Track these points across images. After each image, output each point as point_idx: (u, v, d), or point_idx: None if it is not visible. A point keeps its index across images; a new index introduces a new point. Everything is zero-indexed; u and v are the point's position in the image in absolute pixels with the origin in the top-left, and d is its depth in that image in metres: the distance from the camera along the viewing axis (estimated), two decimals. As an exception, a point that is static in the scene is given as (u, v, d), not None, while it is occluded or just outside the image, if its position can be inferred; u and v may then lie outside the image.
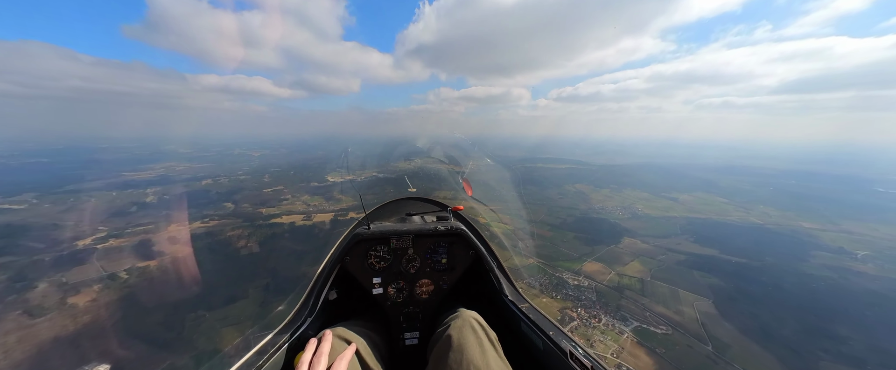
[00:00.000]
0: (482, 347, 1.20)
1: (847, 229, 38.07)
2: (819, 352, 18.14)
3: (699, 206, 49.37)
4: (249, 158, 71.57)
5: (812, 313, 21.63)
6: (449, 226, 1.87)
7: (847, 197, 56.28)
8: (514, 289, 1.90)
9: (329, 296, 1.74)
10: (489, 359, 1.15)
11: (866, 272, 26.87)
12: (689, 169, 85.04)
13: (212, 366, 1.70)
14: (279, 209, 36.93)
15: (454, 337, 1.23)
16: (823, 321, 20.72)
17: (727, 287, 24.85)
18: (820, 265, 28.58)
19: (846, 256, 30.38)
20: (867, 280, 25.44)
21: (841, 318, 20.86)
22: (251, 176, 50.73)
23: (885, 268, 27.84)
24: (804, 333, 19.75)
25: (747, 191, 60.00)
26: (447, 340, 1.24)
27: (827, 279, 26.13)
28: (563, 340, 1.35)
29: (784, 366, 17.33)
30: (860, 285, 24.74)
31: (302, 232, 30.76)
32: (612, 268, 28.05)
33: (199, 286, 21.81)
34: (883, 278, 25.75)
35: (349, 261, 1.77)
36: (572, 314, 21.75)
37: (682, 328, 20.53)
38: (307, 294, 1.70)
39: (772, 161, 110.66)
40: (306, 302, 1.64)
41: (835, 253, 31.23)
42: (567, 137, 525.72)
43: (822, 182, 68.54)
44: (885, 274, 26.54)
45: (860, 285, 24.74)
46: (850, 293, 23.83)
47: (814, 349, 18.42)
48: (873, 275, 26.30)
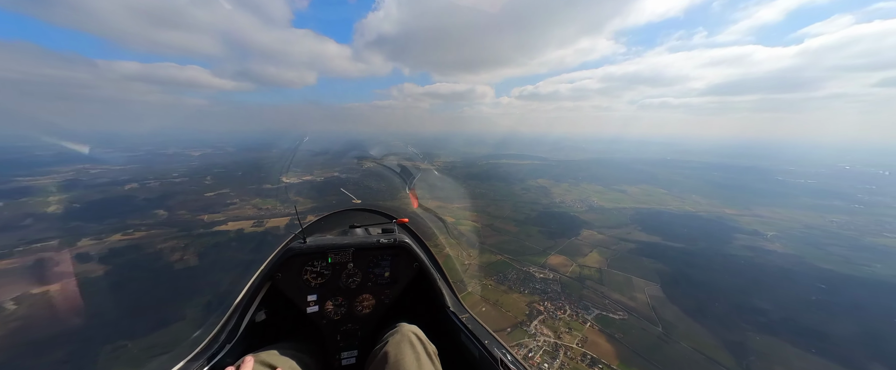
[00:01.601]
0: (419, 362, 1.19)
1: (758, 213, 44.62)
2: (745, 325, 20.73)
3: (644, 197, 54.48)
4: (187, 158, 62.64)
5: (737, 290, 24.75)
6: (393, 238, 1.82)
7: (756, 185, 66.23)
8: (456, 299, 1.88)
9: (256, 317, 1.64)
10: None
11: (776, 250, 31.61)
12: (635, 163, 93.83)
13: None
14: (224, 215, 32.79)
15: (391, 353, 1.21)
16: (747, 296, 23.80)
17: (671, 271, 27.46)
18: (740, 246, 33.01)
19: (759, 237, 35.49)
20: (777, 257, 29.91)
21: (760, 293, 24.14)
22: (189, 178, 44.44)
23: (788, 245, 33.01)
24: (733, 309, 22.47)
25: (681, 182, 67.71)
26: (384, 357, 1.21)
27: (746, 258, 30.20)
28: (495, 348, 1.39)
29: (719, 339, 19.48)
30: (772, 262, 28.97)
31: (251, 239, 27.56)
32: (574, 260, 29.49)
33: (119, 311, 18.32)
34: (788, 255, 30.49)
35: (280, 277, 1.65)
36: (540, 308, 22.31)
37: (636, 312, 22.16)
38: (228, 316, 1.55)
39: (699, 155, 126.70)
40: (225, 325, 1.51)
41: (751, 235, 36.32)
42: (528, 134, 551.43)
43: (736, 173, 79.99)
44: (789, 251, 31.45)
45: (772, 262, 28.97)
46: (765, 270, 27.77)
47: (740, 322, 21.01)
48: (781, 252, 31.03)
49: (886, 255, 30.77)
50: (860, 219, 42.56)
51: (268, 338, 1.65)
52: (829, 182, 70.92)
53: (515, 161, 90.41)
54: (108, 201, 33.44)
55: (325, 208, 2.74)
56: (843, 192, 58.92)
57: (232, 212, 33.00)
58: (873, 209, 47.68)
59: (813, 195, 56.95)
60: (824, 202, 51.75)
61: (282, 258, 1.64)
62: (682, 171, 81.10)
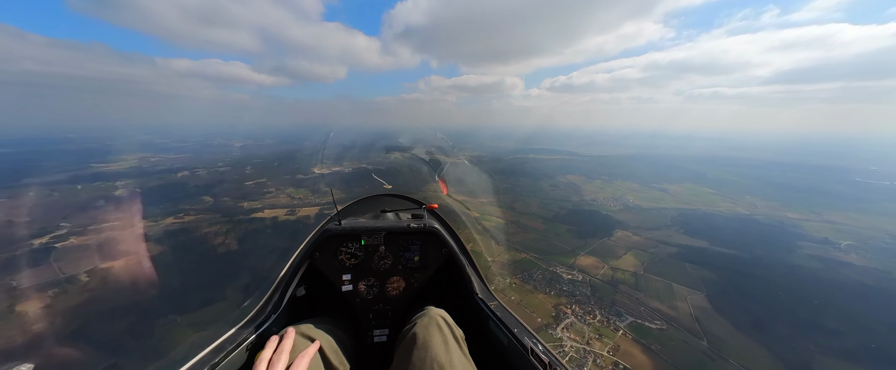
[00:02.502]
0: (447, 345, 1.20)
1: (830, 219, 38.88)
2: (811, 347, 18.12)
3: (688, 197, 49.75)
4: (231, 149, 68.00)
5: (803, 306, 21.70)
6: (423, 224, 1.86)
7: (827, 187, 57.83)
8: (484, 287, 1.88)
9: (297, 292, 1.72)
10: (453, 357, 1.16)
11: (852, 263, 27.30)
12: (679, 160, 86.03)
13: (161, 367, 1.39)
14: (261, 203, 34.99)
15: (419, 334, 1.23)
16: (814, 314, 20.79)
17: (719, 280, 24.77)
18: (807, 256, 28.93)
19: (831, 247, 30.88)
20: (854, 271, 25.81)
21: (831, 311, 20.96)
22: (232, 167, 48.08)
23: (868, 258, 28.38)
24: (796, 327, 19.73)
25: (734, 181, 60.97)
26: (412, 338, 1.24)
27: (815, 270, 26.41)
28: (525, 337, 1.38)
29: (778, 360, 17.21)
30: (847, 277, 25.06)
31: (285, 227, 29.10)
32: (606, 261, 27.65)
33: (171, 288, 20.19)
34: (869, 269, 26.19)
35: (318, 257, 1.74)
36: (567, 310, 21.20)
37: (676, 323, 20.26)
38: (273, 290, 1.64)
39: (756, 152, 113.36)
40: (271, 298, 1.60)
41: (820, 243, 31.72)
42: (559, 128, 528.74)
43: (804, 172, 70.41)
44: (869, 264, 27.02)
45: (847, 277, 25.06)
46: (839, 285, 24.09)
47: (806, 343, 18.40)
48: (859, 266, 26.73)
49: None
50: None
51: (306, 313, 1.76)
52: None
53: (544, 156, 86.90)
54: (164, 187, 37.11)
55: (354, 198, 2.73)
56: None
57: (268, 200, 35.13)
58: None
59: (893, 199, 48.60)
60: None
61: (320, 238, 1.73)
62: (735, 169, 73.02)
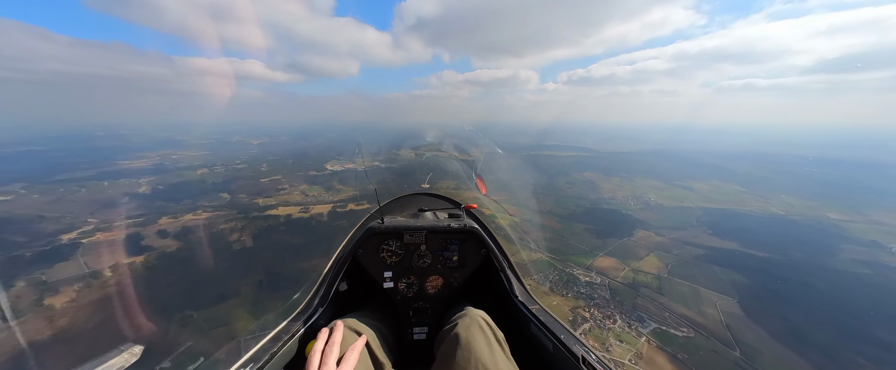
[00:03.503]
0: (490, 346, 1.20)
1: (877, 220, 35.65)
2: (859, 359, 16.49)
3: (716, 196, 46.94)
4: (248, 146, 69.73)
5: (848, 314, 19.83)
6: (462, 224, 1.88)
7: (875, 184, 53.22)
8: (524, 289, 1.88)
9: (340, 287, 1.76)
10: (497, 359, 1.15)
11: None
12: (704, 156, 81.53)
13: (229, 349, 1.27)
14: (276, 199, 35.53)
15: (462, 334, 1.22)
16: (862, 324, 18.95)
17: (752, 284, 23.05)
18: (852, 260, 26.52)
19: (880, 250, 28.23)
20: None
21: (881, 321, 19.05)
22: (249, 164, 49.14)
23: (924, 263, 25.73)
24: (841, 337, 18.02)
25: (767, 179, 57.15)
26: (455, 338, 1.23)
27: (862, 276, 24.17)
28: (574, 344, 1.34)
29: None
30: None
31: (298, 224, 29.37)
32: (627, 263, 26.32)
33: (188, 283, 20.66)
34: (925, 275, 23.72)
35: (361, 253, 1.77)
36: (585, 314, 20.24)
37: (705, 330, 18.93)
38: (319, 284, 1.70)
39: (791, 147, 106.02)
40: (317, 292, 1.65)
41: (867, 246, 29.07)
42: (575, 123, 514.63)
43: (846, 169, 65.12)
44: (926, 270, 24.48)
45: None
46: (890, 292, 21.91)
47: (853, 355, 16.77)
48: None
49: None
50: None
51: (348, 307, 1.75)
52: None
53: (559, 152, 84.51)
54: (184, 184, 38.33)
55: (366, 196, 2.95)
56: None
57: (282, 197, 35.60)
58: None
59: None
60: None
61: (364, 236, 1.73)
62: (769, 165, 68.52)
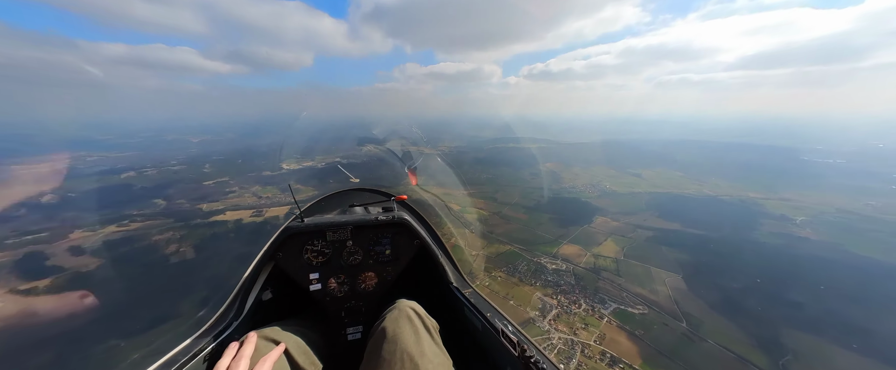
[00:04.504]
0: (417, 335, 1.20)
1: (785, 197, 41.84)
2: (779, 321, 19.06)
3: (660, 181, 51.76)
4: (186, 145, 61.59)
5: (769, 280, 22.91)
6: (392, 216, 1.85)
7: (782, 166, 62.54)
8: (459, 275, 1.93)
9: (262, 297, 1.68)
10: (424, 347, 1.16)
11: (808, 237, 29.35)
12: (649, 145, 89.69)
13: None
14: (223, 204, 31.89)
15: (389, 328, 1.22)
16: (779, 288, 21.99)
17: (693, 261, 25.65)
18: (768, 233, 30.78)
19: (788, 223, 33.11)
20: (810, 245, 27.73)
21: (794, 284, 22.29)
22: (188, 166, 43.53)
23: (821, 232, 30.66)
24: (765, 302, 20.74)
25: (700, 164, 64.39)
26: (382, 332, 1.23)
27: (776, 246, 28.11)
28: (497, 320, 1.44)
29: (751, 336, 17.93)
30: (805, 251, 26.86)
31: (251, 230, 26.61)
32: (588, 249, 27.83)
33: (113, 308, 17.62)
34: (823, 243, 28.25)
35: (281, 257, 1.68)
36: (552, 301, 20.98)
37: (657, 306, 20.64)
38: (233, 296, 1.59)
39: (717, 135, 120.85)
40: (231, 304, 1.54)
41: (779, 220, 33.93)
42: (537, 116, 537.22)
43: (760, 153, 75.79)
44: (822, 238, 29.17)
45: (805, 251, 26.86)
46: (798, 259, 25.74)
47: (774, 318, 19.34)
48: (815, 240, 28.77)
49: (931, 242, 28.32)
50: (892, 201, 39.52)
51: (275, 317, 1.66)
52: (862, 162, 66.63)
53: (524, 145, 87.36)
54: (105, 190, 32.78)
55: (326, 192, 2.56)
56: (878, 173, 55.15)
57: (231, 200, 32.04)
58: (913, 191, 44.34)
59: (844, 176, 53.36)
60: (858, 183, 48.44)
61: (281, 238, 1.65)
62: (701, 152, 77.25)
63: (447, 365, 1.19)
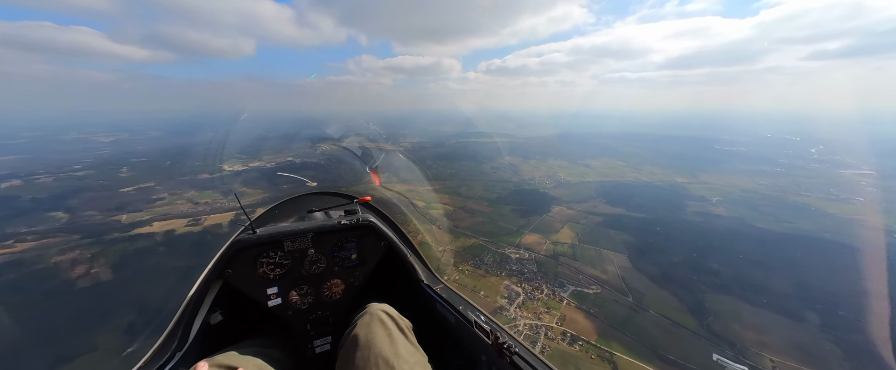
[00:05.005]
0: (391, 338, 1.19)
1: (704, 181, 48.74)
2: (702, 287, 22.20)
3: (606, 170, 56.93)
4: (94, 146, 51.31)
5: (693, 253, 26.51)
6: (356, 219, 1.78)
7: (699, 154, 72.74)
8: (430, 272, 1.93)
9: (211, 320, 1.56)
10: (399, 348, 1.15)
11: (721, 214, 34.58)
12: (597, 137, 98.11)
13: None
14: (149, 213, 27.51)
15: (361, 334, 1.20)
16: (701, 259, 25.57)
17: (636, 241, 28.67)
18: (692, 212, 35.63)
19: (707, 203, 38.65)
20: (723, 221, 32.70)
21: (712, 255, 26.07)
22: (98, 170, 36.52)
23: (730, 209, 36.32)
24: (691, 272, 23.97)
25: (638, 154, 72.08)
26: (354, 339, 1.20)
27: (697, 223, 32.64)
28: (469, 312, 1.47)
29: (682, 303, 20.62)
30: (719, 225, 31.60)
31: (186, 242, 23.38)
32: (548, 237, 29.54)
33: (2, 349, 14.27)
34: (731, 218, 33.49)
35: (232, 274, 1.55)
36: (517, 289, 21.89)
37: (608, 285, 22.70)
38: (175, 322, 1.44)
39: (651, 128, 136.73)
40: (173, 332, 1.40)
41: (699, 201, 39.44)
42: (495, 111, 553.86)
43: (683, 144, 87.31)
44: (731, 214, 34.59)
45: (719, 225, 31.60)
46: (714, 233, 30.18)
47: (699, 284, 22.48)
48: (726, 216, 33.99)
49: (805, 213, 35.19)
50: (782, 181, 48.43)
51: (230, 341, 1.50)
52: (755, 148, 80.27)
53: (484, 139, 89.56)
54: (-23, 206, 26.22)
55: (280, 197, 2.43)
56: (767, 157, 66.90)
57: (159, 209, 27.72)
58: (792, 171, 54.66)
59: (744, 161, 63.88)
60: (753, 167, 58.23)
61: (229, 253, 1.53)
62: (638, 143, 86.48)
63: (423, 362, 1.19)
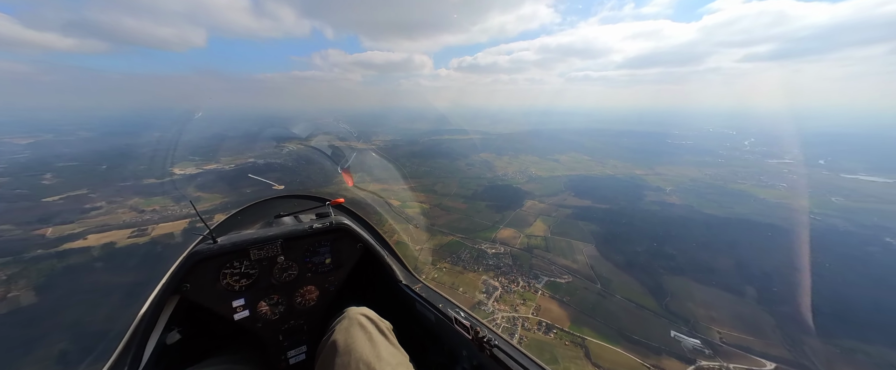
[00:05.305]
0: (372, 341, 1.18)
1: (660, 172, 52.99)
2: (661, 270, 24.16)
3: (574, 165, 59.84)
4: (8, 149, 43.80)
5: (652, 240, 28.73)
6: (328, 222, 1.73)
7: (654, 148, 78.93)
8: (408, 272, 1.92)
9: (167, 340, 1.44)
10: (380, 351, 1.15)
11: (674, 203, 37.83)
12: (564, 133, 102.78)
13: None
14: (82, 225, 24.15)
15: (340, 340, 1.18)
16: (659, 245, 27.78)
17: (602, 231, 30.46)
18: (650, 202, 38.59)
19: (662, 192, 42.07)
20: (676, 209, 35.80)
21: (668, 241, 28.42)
22: (13, 177, 31.35)
23: (682, 197, 39.85)
24: (651, 257, 25.98)
25: (602, 149, 76.57)
26: (332, 346, 1.18)
27: (655, 212, 35.43)
28: (449, 309, 1.48)
29: (644, 286, 22.28)
30: (673, 213, 34.55)
31: (130, 255, 20.86)
32: (522, 231, 30.42)
33: None
34: (683, 205, 36.77)
35: (190, 289, 1.43)
36: (495, 284, 22.32)
37: (578, 274, 23.91)
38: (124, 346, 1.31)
39: (613, 124, 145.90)
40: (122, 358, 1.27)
41: (656, 191, 42.82)
42: (468, 108, 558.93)
43: (640, 138, 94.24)
44: (683, 202, 37.96)
45: (673, 213, 34.55)
46: (669, 220, 32.94)
47: (657, 268, 24.43)
48: (679, 204, 37.26)
49: (741, 198, 39.59)
50: (722, 170, 54.05)
51: (191, 360, 1.42)
52: (700, 142, 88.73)
53: (458, 136, 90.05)
54: None
55: (241, 202, 2.32)
56: (710, 150, 74.27)
57: (95, 220, 24.41)
58: (730, 162, 61.20)
59: (691, 153, 70.36)
60: (699, 158, 64.34)
61: (186, 266, 1.42)
62: (601, 138, 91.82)
63: (405, 362, 1.19)
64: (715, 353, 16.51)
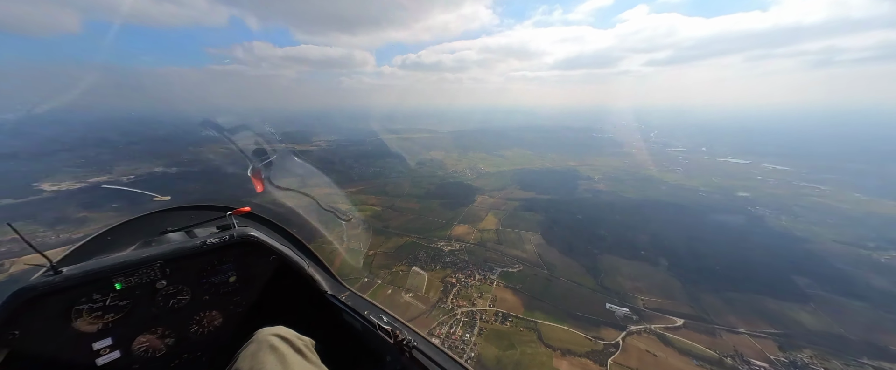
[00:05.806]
0: (285, 363, 1.10)
1: (589, 163, 59.73)
2: (595, 251, 27.23)
3: (518, 159, 63.85)
4: None
5: (587, 224, 32.25)
6: (229, 235, 1.55)
7: (583, 141, 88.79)
8: (334, 280, 1.87)
9: None
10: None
11: (603, 189, 43.06)
12: (508, 130, 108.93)
13: None
14: None
15: (244, 368, 1.08)
16: (592, 228, 31.32)
17: (546, 220, 33.10)
18: (584, 190, 43.26)
19: (592, 181, 47.51)
20: (605, 195, 40.80)
21: (600, 224, 32.18)
22: None
23: (608, 184, 45.55)
24: (586, 240, 29.12)
25: (541, 143, 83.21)
26: None
27: (588, 199, 39.85)
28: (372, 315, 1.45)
29: (582, 267, 24.87)
30: (602, 199, 39.30)
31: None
32: (474, 226, 31.31)
33: None
34: (609, 192, 42.08)
35: (20, 337, 1.17)
36: (452, 280, 22.55)
37: (527, 262, 25.58)
38: None
39: (548, 121, 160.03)
40: None
41: (587, 180, 48.17)
42: (414, 107, 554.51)
43: (571, 133, 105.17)
44: (609, 188, 43.44)
45: (602, 199, 39.30)
46: (599, 205, 37.37)
47: (592, 250, 27.48)
48: (607, 190, 42.51)
49: (651, 182, 46.91)
50: (636, 159, 63.42)
51: None
52: (617, 135, 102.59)
53: (407, 135, 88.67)
54: None
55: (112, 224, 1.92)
56: (625, 142, 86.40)
57: None
58: (641, 152, 72.04)
59: (611, 146, 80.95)
60: (618, 150, 74.39)
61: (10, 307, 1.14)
62: (540, 134, 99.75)
63: None
64: (640, 318, 19.26)
